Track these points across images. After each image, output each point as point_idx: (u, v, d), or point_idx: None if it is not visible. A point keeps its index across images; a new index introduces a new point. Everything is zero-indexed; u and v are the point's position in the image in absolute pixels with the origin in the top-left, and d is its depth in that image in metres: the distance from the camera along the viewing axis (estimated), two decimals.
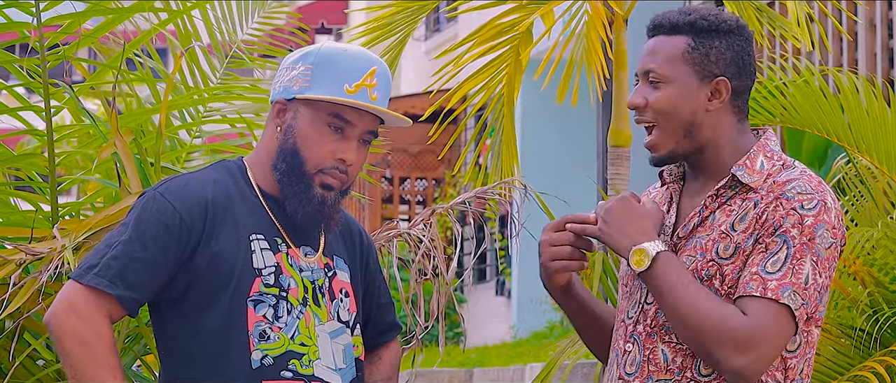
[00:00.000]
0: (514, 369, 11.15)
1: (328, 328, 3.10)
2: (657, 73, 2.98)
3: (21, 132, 4.53)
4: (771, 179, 2.95)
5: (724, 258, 2.92)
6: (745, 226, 2.92)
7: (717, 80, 2.97)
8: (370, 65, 3.09)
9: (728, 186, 2.97)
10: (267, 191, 3.12)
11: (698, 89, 2.97)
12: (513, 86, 6.29)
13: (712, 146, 2.99)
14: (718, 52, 2.98)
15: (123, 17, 4.40)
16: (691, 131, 2.97)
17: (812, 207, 2.89)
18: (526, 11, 6.34)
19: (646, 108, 2.98)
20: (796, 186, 2.91)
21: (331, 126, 3.06)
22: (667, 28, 3.00)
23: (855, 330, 4.70)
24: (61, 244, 3.65)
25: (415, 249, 4.10)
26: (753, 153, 2.99)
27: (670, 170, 3.09)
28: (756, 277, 2.87)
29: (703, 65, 2.97)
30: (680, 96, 2.97)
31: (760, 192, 2.94)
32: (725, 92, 2.98)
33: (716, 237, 2.93)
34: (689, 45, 2.98)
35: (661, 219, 2.99)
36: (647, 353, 2.97)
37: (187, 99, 4.79)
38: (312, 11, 23.49)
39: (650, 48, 3.01)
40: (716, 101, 2.98)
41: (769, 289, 2.85)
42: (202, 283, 3.02)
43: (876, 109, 5.00)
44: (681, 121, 2.97)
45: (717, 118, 2.98)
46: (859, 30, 10.10)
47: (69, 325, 2.94)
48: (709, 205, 2.97)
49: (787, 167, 2.98)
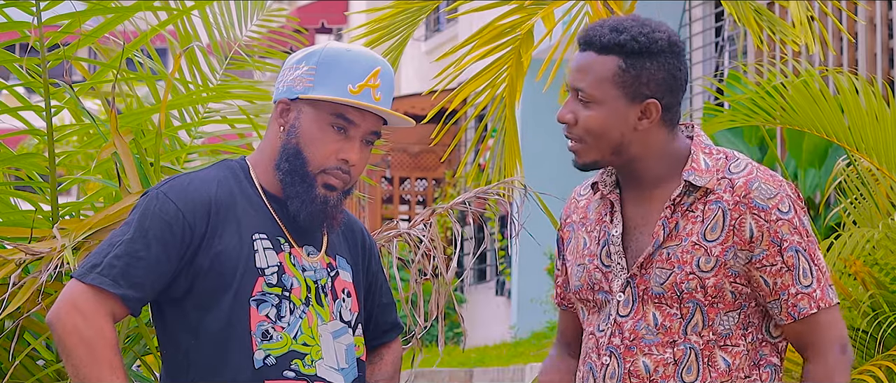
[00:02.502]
0: (514, 369, 11.16)
1: (331, 328, 3.10)
2: (586, 94, 2.96)
3: (21, 132, 4.53)
4: (722, 176, 2.96)
5: (705, 271, 2.94)
6: (718, 235, 2.94)
7: (648, 101, 2.96)
8: (373, 65, 3.09)
9: (683, 193, 2.97)
10: (270, 190, 3.12)
11: (627, 110, 2.96)
12: (514, 87, 6.29)
13: (641, 159, 2.99)
14: (649, 74, 2.95)
15: (123, 17, 4.39)
16: (619, 149, 2.98)
17: (788, 209, 2.95)
18: (527, 13, 6.34)
19: (575, 126, 2.98)
20: (761, 190, 2.94)
21: (334, 126, 3.06)
22: (597, 47, 2.97)
23: (856, 331, 4.70)
24: (61, 244, 3.65)
25: (415, 249, 4.10)
26: (694, 154, 2.99)
27: (603, 180, 3.08)
28: (801, 297, 2.96)
29: (633, 87, 2.95)
30: (609, 118, 2.95)
31: (721, 195, 2.95)
32: (655, 113, 2.97)
33: (689, 248, 2.94)
34: (620, 66, 2.95)
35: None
36: (628, 366, 2.98)
37: (186, 99, 4.79)
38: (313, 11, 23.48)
39: (580, 65, 2.98)
40: (646, 121, 2.97)
41: (819, 300, 2.97)
42: (205, 283, 3.02)
43: (876, 110, 5.00)
44: (609, 141, 2.97)
45: (646, 135, 2.98)
46: (859, 30, 10.09)
47: (72, 324, 2.93)
48: (670, 215, 2.97)
49: (730, 159, 2.99)
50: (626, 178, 3.04)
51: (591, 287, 3.05)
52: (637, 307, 2.98)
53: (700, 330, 2.95)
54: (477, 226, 15.84)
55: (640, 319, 2.97)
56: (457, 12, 7.12)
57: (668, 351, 2.95)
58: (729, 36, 12.18)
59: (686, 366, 2.95)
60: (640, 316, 2.98)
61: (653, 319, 2.96)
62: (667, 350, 2.95)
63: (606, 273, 3.03)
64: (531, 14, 6.31)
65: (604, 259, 3.03)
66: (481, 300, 17.35)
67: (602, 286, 3.03)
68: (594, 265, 3.05)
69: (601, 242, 3.04)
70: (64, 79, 4.40)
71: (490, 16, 6.47)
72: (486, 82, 6.38)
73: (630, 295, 2.99)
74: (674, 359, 2.95)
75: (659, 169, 3.00)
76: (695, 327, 2.95)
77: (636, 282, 2.98)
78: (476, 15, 9.10)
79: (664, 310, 2.96)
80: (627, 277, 2.99)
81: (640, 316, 2.98)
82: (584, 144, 2.97)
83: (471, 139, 14.50)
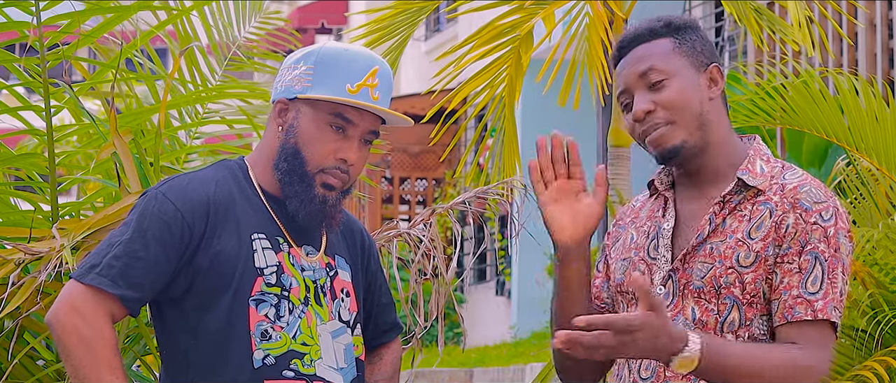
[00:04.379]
0: (514, 369, 11.16)
1: (330, 327, 3.10)
2: (659, 70, 2.97)
3: (21, 132, 4.53)
4: (775, 181, 2.96)
5: (745, 266, 2.92)
6: (762, 234, 2.92)
7: (711, 66, 3.01)
8: (372, 65, 3.09)
9: (734, 191, 2.97)
10: (268, 190, 3.12)
11: (698, 78, 2.99)
12: (514, 87, 6.29)
13: (714, 147, 2.99)
14: (700, 43, 3.02)
15: (123, 17, 4.39)
16: (702, 123, 2.97)
17: (830, 217, 2.91)
18: (527, 13, 6.34)
19: (656, 110, 2.97)
20: (809, 194, 2.92)
21: (332, 125, 3.06)
22: (646, 35, 3.01)
23: (855, 330, 4.70)
24: (60, 243, 3.65)
25: (415, 249, 4.10)
26: (751, 158, 3.00)
27: (660, 178, 3.09)
28: (801, 301, 2.89)
29: (694, 55, 3.00)
30: (686, 87, 2.97)
31: (771, 196, 2.94)
32: (720, 78, 3.01)
33: (733, 244, 2.93)
34: (675, 42, 3.00)
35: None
36: None
37: (186, 99, 4.79)
38: (313, 12, 23.49)
39: (638, 55, 3.00)
40: (715, 88, 3.00)
41: (818, 310, 2.88)
42: (204, 283, 3.02)
43: (876, 110, 5.00)
44: (692, 111, 2.97)
45: (718, 108, 3.00)
46: (859, 30, 10.09)
47: (71, 325, 2.93)
48: (718, 211, 2.97)
49: (787, 169, 2.99)
50: (686, 174, 3.04)
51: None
52: (676, 301, 2.96)
53: (736, 328, 2.93)
54: (477, 226, 15.85)
55: (678, 313, 2.96)
56: (457, 12, 7.13)
57: None
58: (729, 36, 12.18)
59: None
60: (679, 311, 2.96)
61: (691, 313, 2.95)
62: None
63: (651, 265, 3.02)
64: (531, 14, 6.31)
65: (651, 252, 3.02)
66: (481, 300, 17.36)
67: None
68: (639, 257, 3.04)
69: (650, 236, 3.04)
70: (64, 79, 4.40)
71: (490, 16, 6.48)
72: (485, 82, 6.38)
73: (671, 289, 2.98)
74: None
75: (718, 162, 2.99)
76: (731, 325, 2.93)
77: (678, 275, 2.97)
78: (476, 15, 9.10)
79: (702, 305, 2.94)
80: (669, 271, 2.98)
81: (679, 310, 2.96)
82: (670, 125, 2.96)
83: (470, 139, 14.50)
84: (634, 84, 2.99)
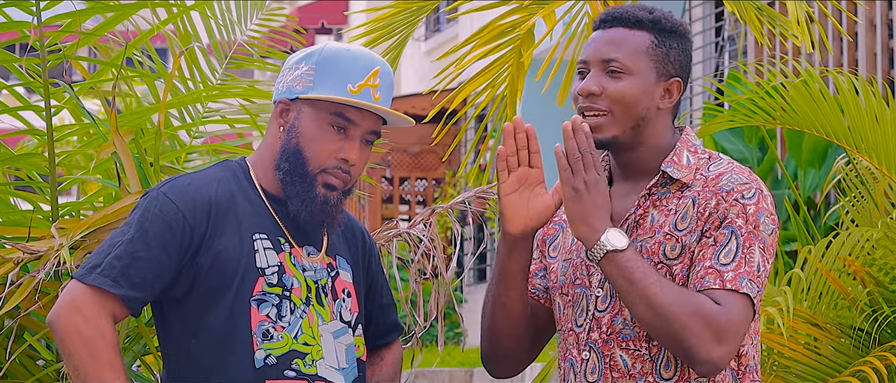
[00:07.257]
0: None
1: (331, 328, 3.11)
2: (621, 64, 2.99)
3: (21, 132, 4.53)
4: (700, 173, 2.98)
5: (672, 259, 2.94)
6: (687, 224, 2.94)
7: (672, 80, 3.02)
8: (373, 65, 3.10)
9: (659, 184, 2.99)
10: (269, 190, 3.12)
11: (655, 86, 3.00)
12: (515, 87, 6.30)
13: (648, 145, 3.02)
14: (675, 54, 3.02)
15: (123, 17, 4.40)
16: (639, 126, 2.99)
17: (751, 196, 2.92)
18: (527, 12, 6.34)
19: (600, 97, 2.98)
20: (731, 178, 2.94)
21: (333, 126, 3.07)
22: (630, 22, 3.01)
23: (854, 329, 4.71)
24: (59, 243, 3.65)
25: (415, 249, 4.10)
26: (678, 149, 3.02)
27: None
28: (711, 271, 2.88)
29: (662, 63, 3.01)
30: (639, 90, 2.99)
31: (695, 188, 2.96)
32: (677, 93, 3.02)
33: (661, 239, 2.95)
34: (653, 41, 3.01)
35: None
36: (607, 360, 2.98)
37: (186, 98, 4.79)
38: (312, 11, 23.48)
39: (611, 38, 3.02)
40: (667, 100, 3.02)
41: (727, 280, 2.87)
42: (205, 283, 3.02)
43: (876, 110, 5.00)
44: (634, 114, 2.99)
45: (661, 118, 3.02)
46: (859, 30, 10.09)
47: (73, 325, 2.94)
48: (642, 203, 2.99)
49: (713, 159, 3.01)
50: (619, 170, 3.06)
51: (573, 281, 3.06)
52: (614, 302, 2.99)
53: None
54: (477, 226, 15.84)
55: (617, 313, 2.98)
56: (457, 12, 7.13)
57: (644, 346, 2.95)
58: (729, 36, 12.18)
59: (663, 362, 2.94)
60: (617, 311, 2.98)
61: (629, 313, 2.96)
62: (642, 344, 2.95)
63: (589, 267, 3.04)
64: (531, 14, 6.31)
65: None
66: (481, 300, 17.34)
67: (582, 281, 3.04)
68: (580, 259, 3.06)
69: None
70: (64, 78, 4.40)
71: (490, 15, 6.48)
72: (486, 82, 6.38)
73: (608, 291, 3.00)
74: (650, 355, 2.94)
75: (651, 160, 3.02)
76: None
77: None
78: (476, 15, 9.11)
79: None
80: None
81: (617, 310, 2.98)
82: (608, 117, 2.98)
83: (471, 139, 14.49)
84: (595, 62, 3.01)
